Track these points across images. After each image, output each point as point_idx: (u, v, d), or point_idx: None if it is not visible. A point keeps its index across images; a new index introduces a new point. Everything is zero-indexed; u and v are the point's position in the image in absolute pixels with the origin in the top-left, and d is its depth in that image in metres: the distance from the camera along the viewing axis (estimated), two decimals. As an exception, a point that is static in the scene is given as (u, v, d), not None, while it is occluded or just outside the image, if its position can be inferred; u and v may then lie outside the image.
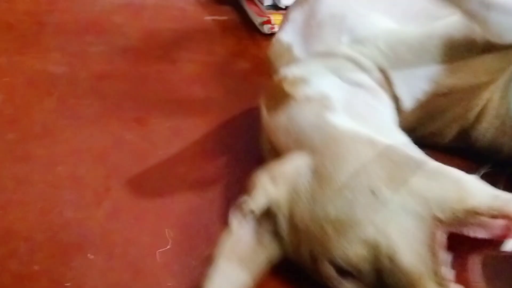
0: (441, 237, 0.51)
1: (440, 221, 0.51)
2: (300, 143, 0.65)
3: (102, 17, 1.29)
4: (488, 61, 0.72)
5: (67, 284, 0.64)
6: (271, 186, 0.61)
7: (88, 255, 0.68)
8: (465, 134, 0.83)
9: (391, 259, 0.52)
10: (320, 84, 0.72)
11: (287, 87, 0.73)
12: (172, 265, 0.68)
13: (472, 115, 0.80)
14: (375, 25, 0.77)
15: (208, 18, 1.34)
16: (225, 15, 1.35)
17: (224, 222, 0.74)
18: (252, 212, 0.60)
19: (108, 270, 0.66)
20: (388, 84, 0.75)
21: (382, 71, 0.74)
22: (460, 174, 0.54)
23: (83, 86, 1.02)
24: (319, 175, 0.59)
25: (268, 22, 1.27)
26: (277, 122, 0.71)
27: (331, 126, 0.64)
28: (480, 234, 0.49)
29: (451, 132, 0.83)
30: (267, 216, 0.61)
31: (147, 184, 0.80)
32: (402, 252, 0.51)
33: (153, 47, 1.16)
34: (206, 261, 0.62)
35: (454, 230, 0.51)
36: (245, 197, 0.61)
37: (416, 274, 0.50)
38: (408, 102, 0.75)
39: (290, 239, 0.61)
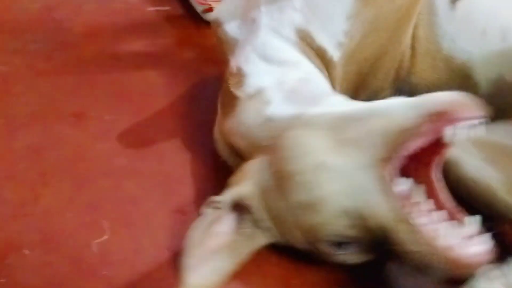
0: (391, 175, 0.55)
1: (385, 159, 0.55)
2: (253, 145, 0.69)
3: (43, 14, 1.27)
4: None
5: (2, 281, 0.64)
6: (238, 185, 0.66)
7: (24, 251, 0.68)
8: (405, 84, 0.85)
9: (367, 218, 0.56)
10: (255, 79, 0.74)
11: (233, 88, 0.75)
12: (109, 254, 0.69)
13: (405, 59, 0.82)
14: None
15: (151, 9, 1.32)
16: (168, 6, 1.34)
17: (163, 211, 0.76)
18: (219, 207, 0.64)
19: (44, 265, 0.67)
20: (307, 41, 0.76)
21: (302, 31, 0.76)
22: (383, 105, 0.59)
23: (21, 84, 1.01)
24: (275, 171, 0.63)
25: (210, 10, 1.26)
26: (231, 126, 0.74)
27: (271, 121, 0.67)
28: (422, 143, 0.54)
29: (390, 85, 0.85)
30: (246, 210, 0.65)
31: (84, 178, 0.80)
32: (370, 209, 0.56)
33: (94, 41, 1.15)
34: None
35: (400, 158, 0.55)
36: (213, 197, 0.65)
37: (390, 222, 0.55)
38: (334, 50, 0.77)
39: (277, 229, 0.64)
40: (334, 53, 0.77)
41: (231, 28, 0.83)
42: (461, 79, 0.82)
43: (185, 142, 0.89)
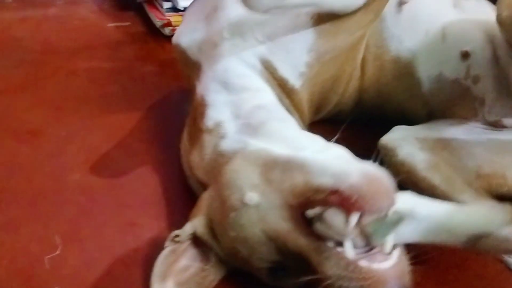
0: (300, 218, 0.57)
1: (292, 206, 0.58)
2: (209, 178, 0.71)
3: (3, 32, 1.28)
4: (358, 17, 0.79)
5: (-48, 299, 0.65)
6: (194, 218, 0.69)
7: (-25, 268, 0.69)
8: (360, 92, 0.91)
9: (287, 248, 0.59)
10: (215, 111, 0.75)
11: (198, 119, 0.76)
12: (61, 269, 0.70)
13: (357, 68, 0.88)
14: (244, 15, 0.78)
15: (111, 25, 1.35)
16: (128, 21, 1.37)
17: (115, 224, 0.77)
18: (178, 241, 0.67)
19: (-5, 281, 0.68)
20: (270, 70, 0.79)
21: (266, 61, 0.78)
22: (312, 161, 0.59)
23: (-22, 103, 1.01)
24: (219, 205, 0.65)
25: (169, 24, 1.29)
26: (195, 159, 0.75)
27: (221, 156, 0.69)
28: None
29: (349, 98, 0.91)
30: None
31: (38, 194, 0.81)
32: (287, 241, 0.58)
33: (52, 59, 1.17)
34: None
35: (308, 207, 0.56)
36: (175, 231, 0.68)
37: (304, 253, 0.57)
38: (295, 79, 0.80)
39: (230, 260, 0.66)
40: (296, 83, 0.80)
41: (192, 52, 0.84)
42: (406, 78, 0.88)
43: (139, 157, 0.90)
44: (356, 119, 0.93)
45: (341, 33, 0.80)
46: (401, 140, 0.80)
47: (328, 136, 0.67)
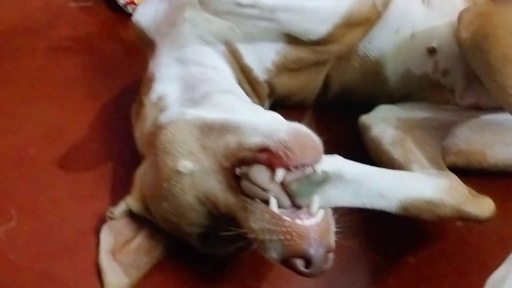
0: (232, 179, 0.58)
1: (227, 168, 0.59)
2: (146, 152, 0.71)
3: (-39, 13, 1.26)
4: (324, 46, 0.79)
5: None
6: (129, 195, 0.71)
7: None
8: (325, 88, 0.90)
9: (219, 208, 0.60)
10: (162, 85, 0.75)
11: (143, 95, 0.77)
12: (15, 239, 0.70)
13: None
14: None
15: (73, 4, 1.33)
16: (90, 1, 1.35)
17: (73, 197, 0.78)
18: (114, 218, 0.70)
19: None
20: (235, 55, 0.79)
21: (231, 45, 0.78)
22: (244, 121, 0.60)
23: None
24: (151, 177, 0.66)
25: (132, 2, 1.28)
26: (137, 135, 0.76)
27: (158, 128, 0.68)
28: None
29: (313, 93, 0.90)
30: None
31: (-6, 168, 0.81)
32: (219, 202, 0.60)
33: (12, 38, 1.15)
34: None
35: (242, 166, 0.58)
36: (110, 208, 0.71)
37: (233, 212, 0.59)
38: (260, 71, 0.81)
39: (166, 229, 0.67)
40: (260, 75, 0.81)
41: (150, 31, 0.84)
42: (372, 75, 0.88)
43: (98, 133, 0.90)
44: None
45: (307, 49, 0.80)
46: (380, 119, 0.81)
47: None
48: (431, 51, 0.83)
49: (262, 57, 0.80)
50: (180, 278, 0.68)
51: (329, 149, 0.58)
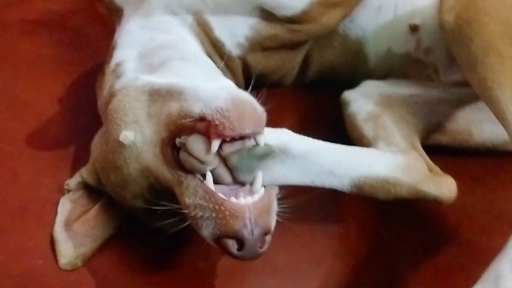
0: (171, 150, 0.55)
1: (166, 139, 0.56)
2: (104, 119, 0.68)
3: None
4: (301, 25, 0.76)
5: None
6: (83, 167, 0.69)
7: None
8: (303, 67, 0.89)
9: (159, 183, 0.57)
10: (121, 51, 0.72)
11: (105, 63, 0.74)
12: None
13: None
14: None
15: (47, -21, 1.31)
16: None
17: (33, 168, 0.76)
18: (69, 189, 0.70)
19: None
20: (205, 28, 0.76)
21: (201, 18, 0.76)
22: (190, 88, 0.56)
23: None
24: (101, 148, 0.64)
25: (107, -23, 1.26)
26: (98, 103, 0.73)
27: (112, 95, 0.65)
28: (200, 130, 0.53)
29: (291, 73, 0.89)
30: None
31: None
32: (158, 176, 0.57)
33: (-17, 11, 1.13)
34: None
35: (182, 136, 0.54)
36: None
37: (170, 186, 0.56)
38: (232, 46, 0.78)
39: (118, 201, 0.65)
40: (233, 50, 0.78)
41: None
42: (352, 54, 0.86)
43: (65, 106, 0.88)
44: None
45: (282, 27, 0.77)
46: (361, 94, 0.78)
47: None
48: (414, 29, 0.81)
49: (234, 31, 0.77)
50: (130, 257, 0.66)
51: (312, 127, 0.55)
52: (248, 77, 0.83)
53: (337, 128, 0.78)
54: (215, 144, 0.51)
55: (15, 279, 0.62)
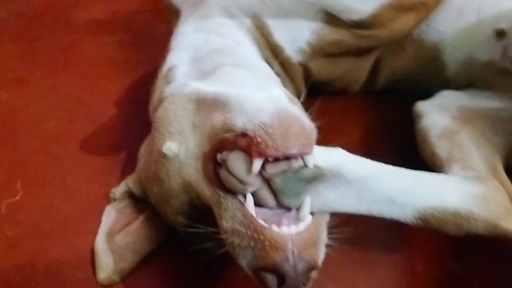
0: (212, 166, 0.50)
1: (208, 154, 0.50)
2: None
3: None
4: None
5: None
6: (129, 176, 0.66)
7: None
8: (372, 74, 0.82)
9: (200, 201, 0.52)
10: (174, 55, 0.68)
11: (159, 68, 0.70)
12: (16, 214, 0.67)
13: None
14: None
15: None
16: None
17: (82, 172, 0.74)
18: (114, 198, 0.66)
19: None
20: (263, 32, 0.71)
21: (259, 21, 0.71)
22: (231, 95, 0.51)
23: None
24: (146, 157, 0.60)
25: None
26: (149, 109, 0.69)
27: (160, 103, 0.61)
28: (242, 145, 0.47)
29: (358, 81, 0.82)
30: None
31: (9, 140, 0.79)
32: (198, 193, 0.52)
33: (50, 10, 1.14)
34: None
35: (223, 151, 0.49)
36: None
37: (209, 205, 0.50)
38: (293, 52, 0.73)
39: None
40: (293, 56, 0.73)
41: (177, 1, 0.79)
42: (428, 62, 0.78)
43: (122, 111, 0.86)
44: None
45: (349, 32, 0.71)
46: (437, 106, 0.71)
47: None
48: (500, 34, 0.71)
49: (295, 36, 0.72)
50: (169, 276, 0.61)
51: (378, 142, 0.48)
52: (312, 84, 0.78)
53: (407, 144, 0.70)
54: (257, 164, 0.45)
55: (52, 291, 0.59)
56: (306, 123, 0.46)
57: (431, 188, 0.51)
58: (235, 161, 0.46)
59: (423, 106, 0.71)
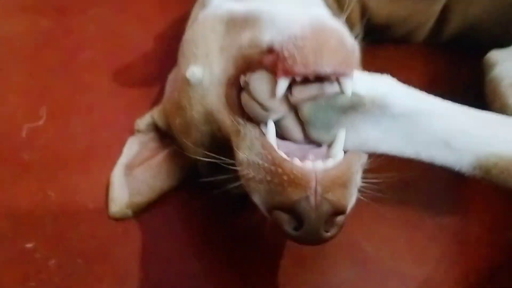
0: (236, 95, 0.43)
1: (233, 77, 0.44)
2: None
3: None
4: None
5: None
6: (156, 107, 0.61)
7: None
8: (439, 23, 0.72)
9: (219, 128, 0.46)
10: None
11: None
12: (36, 140, 0.64)
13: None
14: None
15: None
16: None
17: (111, 103, 0.69)
18: (139, 130, 0.61)
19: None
20: None
21: None
22: (263, 10, 0.44)
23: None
24: (171, 85, 0.56)
25: None
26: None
27: (196, 23, 0.54)
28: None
29: (423, 30, 0.73)
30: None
31: (43, 66, 0.75)
32: (217, 119, 0.46)
33: None
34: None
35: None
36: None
37: (229, 136, 0.44)
38: None
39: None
40: None
41: None
42: (509, 9, 0.66)
43: (161, 47, 0.79)
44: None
45: None
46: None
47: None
48: None
49: None
50: (185, 217, 0.56)
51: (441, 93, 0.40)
52: (369, 28, 0.69)
53: (474, 97, 0.60)
54: (282, 84, 0.37)
55: (59, 219, 0.55)
56: (347, 40, 0.38)
57: (497, 132, 0.41)
58: (258, 82, 0.39)
59: (497, 55, 0.62)
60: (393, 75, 0.41)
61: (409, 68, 0.73)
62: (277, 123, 0.40)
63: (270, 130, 0.39)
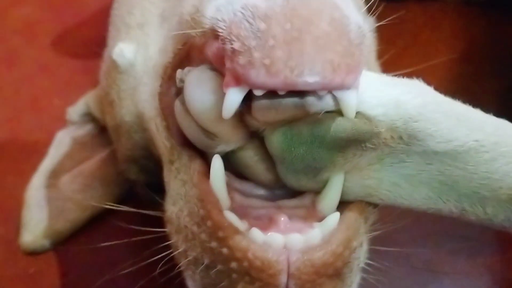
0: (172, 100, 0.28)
1: (167, 67, 0.28)
2: None
3: None
4: None
5: None
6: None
7: None
8: None
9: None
10: None
11: None
12: None
13: None
14: None
15: None
16: None
17: (46, 81, 0.53)
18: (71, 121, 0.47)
19: None
20: None
21: None
22: None
23: None
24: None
25: None
26: None
27: None
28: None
29: None
30: None
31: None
32: (153, 130, 0.31)
33: None
34: None
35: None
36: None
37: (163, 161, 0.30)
38: None
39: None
40: None
41: None
42: None
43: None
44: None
45: None
46: None
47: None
48: None
49: None
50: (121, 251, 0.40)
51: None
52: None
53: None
54: (232, 98, 0.22)
55: None
56: (350, 18, 0.22)
57: None
58: (197, 85, 0.24)
59: None
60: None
61: (440, 30, 0.56)
62: (231, 155, 0.24)
63: (216, 171, 0.24)
